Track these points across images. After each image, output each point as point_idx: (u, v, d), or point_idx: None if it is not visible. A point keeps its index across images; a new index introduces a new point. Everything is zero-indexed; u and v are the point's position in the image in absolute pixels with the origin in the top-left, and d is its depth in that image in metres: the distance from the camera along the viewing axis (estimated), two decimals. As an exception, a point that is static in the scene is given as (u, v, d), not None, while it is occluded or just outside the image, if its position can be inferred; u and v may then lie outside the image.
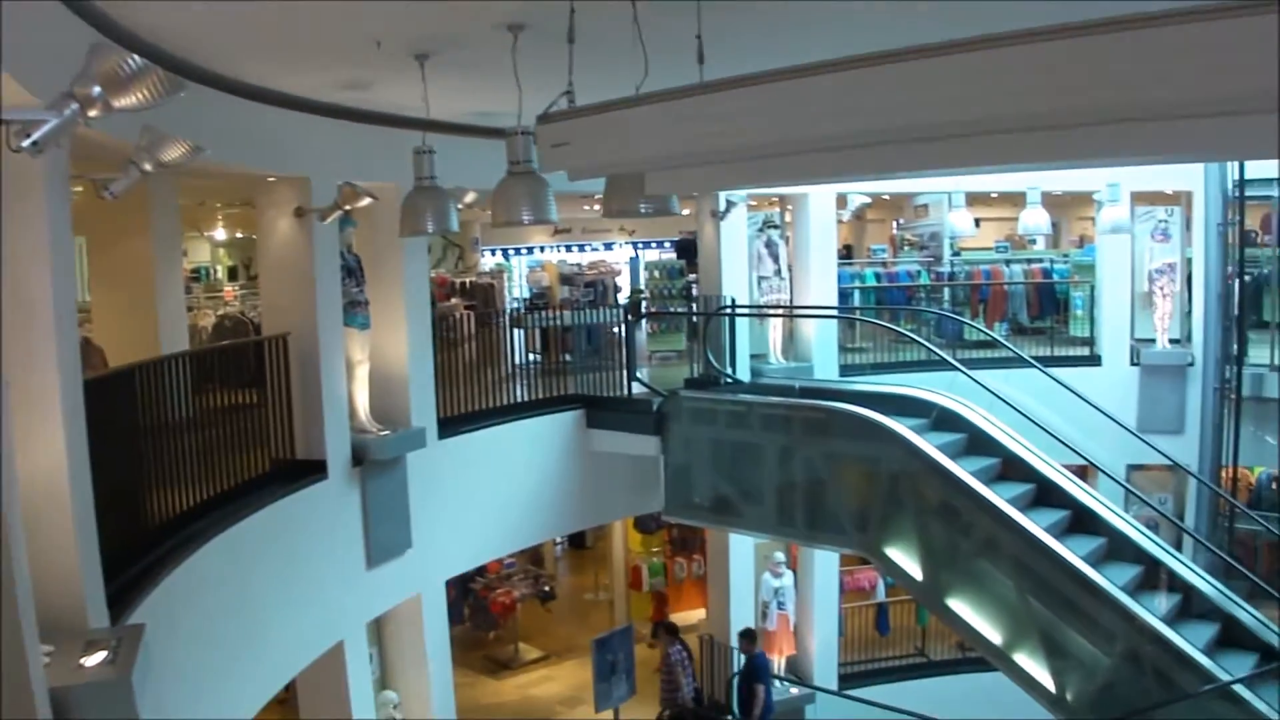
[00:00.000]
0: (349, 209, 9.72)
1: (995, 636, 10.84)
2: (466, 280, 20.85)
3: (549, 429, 13.72)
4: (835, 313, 15.85)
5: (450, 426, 12.39)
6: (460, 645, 16.03)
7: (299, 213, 10.10)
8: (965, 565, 11.27)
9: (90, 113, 4.52)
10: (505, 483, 13.10)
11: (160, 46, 7.20)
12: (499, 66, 7.14)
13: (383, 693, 11.93)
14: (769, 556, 15.30)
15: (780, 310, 15.37)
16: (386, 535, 11.16)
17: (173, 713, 6.83)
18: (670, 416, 13.39)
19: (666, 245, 27.25)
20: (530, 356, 16.14)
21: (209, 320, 15.63)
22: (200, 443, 8.83)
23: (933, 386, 13.43)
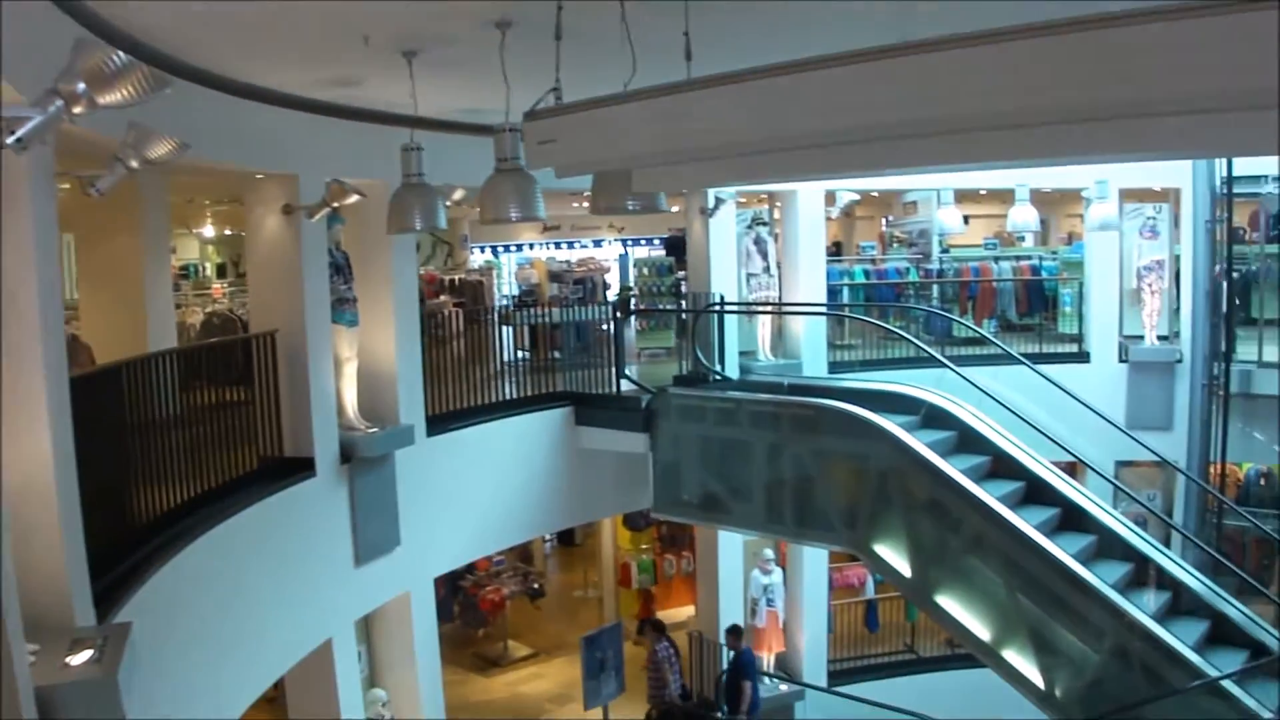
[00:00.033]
0: (337, 206, 9.69)
1: (984, 633, 10.84)
2: (455, 277, 20.85)
3: (537, 426, 13.72)
4: (824, 310, 15.86)
5: (439, 424, 12.37)
6: (449, 643, 16.03)
7: (287, 210, 10.08)
8: (954, 562, 11.27)
9: (75, 110, 4.50)
10: (494, 480, 13.09)
11: (148, 43, 7.18)
12: (487, 63, 7.13)
13: (371, 690, 11.91)
14: (758, 553, 15.29)
15: (769, 307, 15.37)
16: (375, 533, 11.14)
17: (160, 712, 6.80)
18: (659, 414, 13.36)
19: (656, 242, 27.20)
20: (519, 354, 16.15)
21: (197, 318, 15.57)
22: (188, 440, 8.78)
23: (922, 384, 13.43)
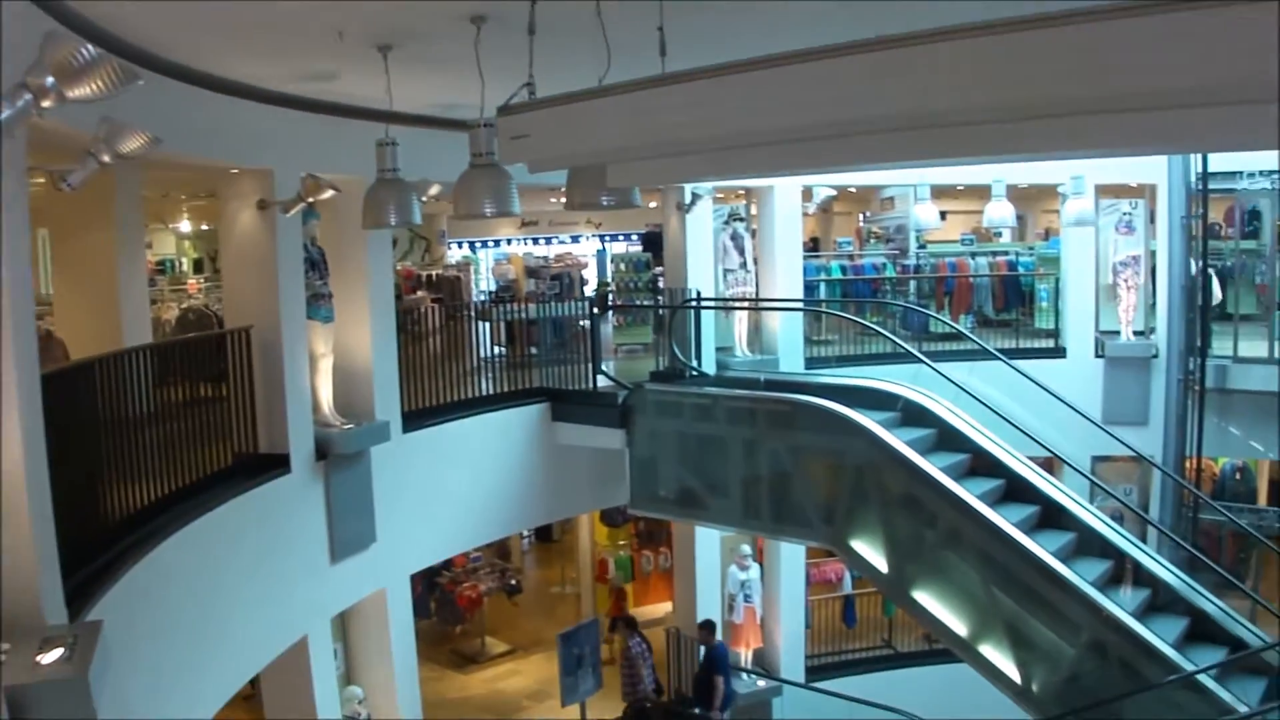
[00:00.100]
0: (312, 201, 9.63)
1: (961, 629, 10.87)
2: (433, 273, 20.82)
3: (514, 422, 13.69)
4: (801, 305, 15.87)
5: (415, 420, 12.34)
6: (426, 639, 16.03)
7: (262, 205, 10.02)
8: (931, 558, 11.29)
9: (44, 103, 4.45)
10: (470, 476, 13.07)
11: (121, 38, 7.14)
12: (463, 58, 7.10)
13: (348, 688, 11.88)
14: (735, 549, 15.30)
15: (746, 303, 15.38)
16: (350, 529, 11.10)
17: (134, 710, 6.77)
18: (635, 409, 13.35)
19: (634, 238, 27.22)
20: (496, 350, 16.12)
21: (172, 313, 15.51)
22: (162, 436, 8.72)
23: (898, 379, 13.48)
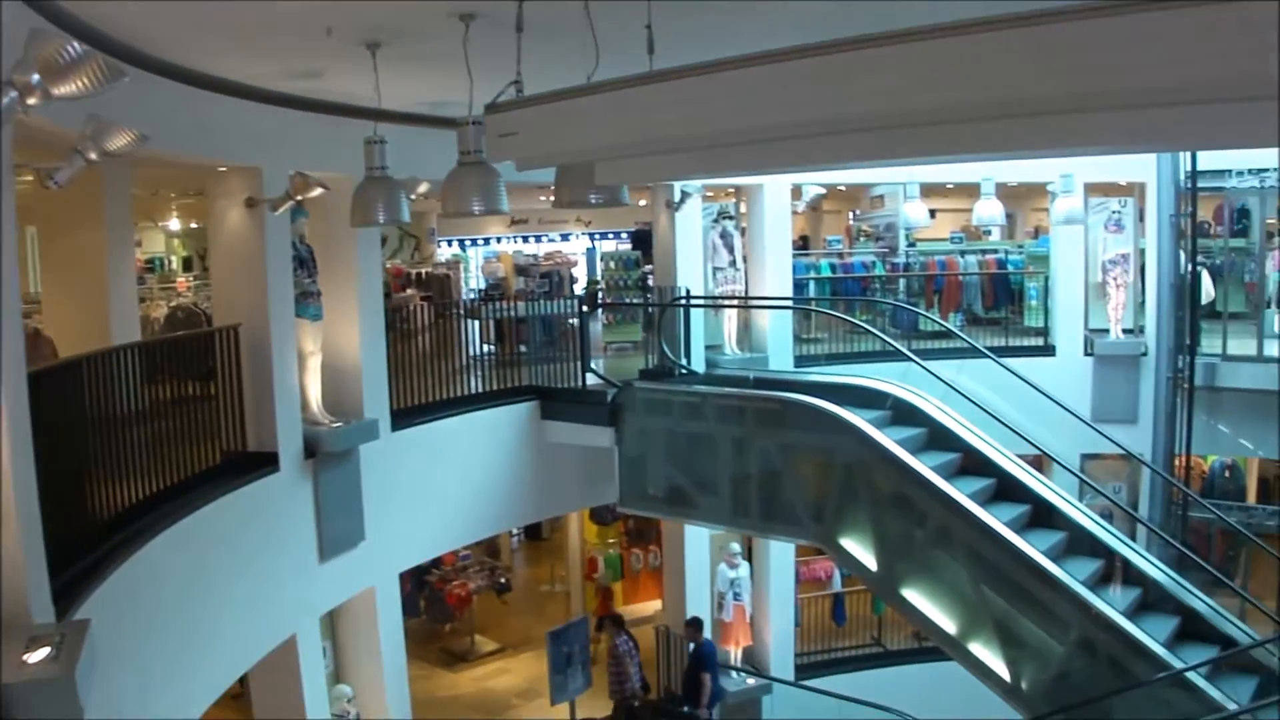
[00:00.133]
0: (301, 199, 9.63)
1: (950, 627, 10.87)
2: (422, 271, 20.81)
3: (503, 420, 13.68)
4: (790, 303, 15.87)
5: (404, 418, 12.32)
6: (416, 638, 16.00)
7: (250, 203, 10.01)
8: (921, 556, 11.27)
9: (29, 101, 4.44)
10: (460, 474, 13.06)
11: (110, 35, 7.12)
12: (451, 56, 7.09)
13: (337, 686, 11.86)
14: (725, 547, 15.32)
15: (735, 301, 15.37)
16: (339, 528, 11.09)
17: (122, 709, 6.76)
18: (625, 408, 13.33)
19: (623, 236, 27.21)
20: (485, 348, 16.11)
21: (161, 311, 15.47)
22: (150, 435, 8.69)
23: (888, 377, 13.47)
